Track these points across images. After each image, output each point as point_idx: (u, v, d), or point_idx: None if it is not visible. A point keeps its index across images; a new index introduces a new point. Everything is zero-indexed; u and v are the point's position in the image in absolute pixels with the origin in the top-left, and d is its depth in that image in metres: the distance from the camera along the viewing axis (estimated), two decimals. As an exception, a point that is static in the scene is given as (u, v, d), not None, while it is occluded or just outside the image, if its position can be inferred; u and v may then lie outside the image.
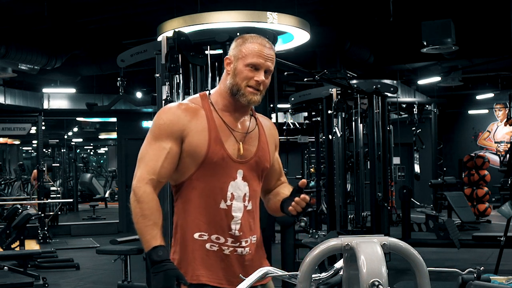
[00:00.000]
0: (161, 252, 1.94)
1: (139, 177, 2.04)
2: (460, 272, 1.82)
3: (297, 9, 7.95)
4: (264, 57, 2.08)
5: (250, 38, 2.15)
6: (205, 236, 2.07)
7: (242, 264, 2.11)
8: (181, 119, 2.07)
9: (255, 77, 2.07)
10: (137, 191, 2.02)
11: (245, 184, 2.11)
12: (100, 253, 6.48)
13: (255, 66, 2.07)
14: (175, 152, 2.06)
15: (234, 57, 2.11)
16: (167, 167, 2.05)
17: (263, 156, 2.18)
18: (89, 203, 16.60)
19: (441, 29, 8.60)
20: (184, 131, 2.06)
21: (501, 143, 16.57)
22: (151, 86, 5.63)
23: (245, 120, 2.18)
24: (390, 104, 9.45)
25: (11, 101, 11.92)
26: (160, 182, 2.05)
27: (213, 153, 2.06)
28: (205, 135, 2.06)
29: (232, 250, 2.09)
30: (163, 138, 2.06)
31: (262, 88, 2.10)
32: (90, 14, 9.10)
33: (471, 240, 7.80)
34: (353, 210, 8.03)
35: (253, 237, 2.15)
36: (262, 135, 2.21)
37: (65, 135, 19.09)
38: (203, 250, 2.07)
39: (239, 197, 2.10)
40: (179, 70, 4.18)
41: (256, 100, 2.10)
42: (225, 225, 2.08)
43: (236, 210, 2.09)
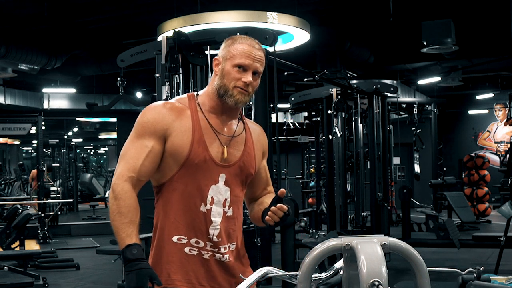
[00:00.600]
0: (135, 251, 1.89)
1: (118, 174, 1.99)
2: (460, 272, 1.82)
3: (297, 9, 7.96)
4: (252, 58, 2.04)
5: (239, 38, 2.10)
6: (184, 240, 2.03)
7: (223, 270, 2.07)
8: (165, 118, 2.02)
9: (243, 78, 2.02)
10: (115, 188, 1.98)
11: (226, 189, 2.05)
12: (100, 253, 6.49)
13: (243, 67, 2.03)
14: (157, 151, 2.01)
15: (222, 57, 2.08)
16: (147, 165, 2.00)
17: (248, 162, 2.11)
18: (89, 203, 16.60)
19: (441, 29, 8.60)
20: (167, 130, 2.01)
21: (501, 143, 16.57)
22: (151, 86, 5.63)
23: (232, 124, 2.12)
24: (390, 104, 9.45)
25: (11, 101, 11.93)
26: (140, 181, 2.00)
27: (195, 154, 2.00)
28: (188, 135, 2.01)
29: (211, 255, 2.04)
30: (146, 136, 2.01)
31: (250, 90, 2.05)
32: (90, 14, 9.10)
33: (471, 240, 7.80)
34: (353, 210, 8.03)
35: (232, 245, 2.09)
36: (249, 140, 2.14)
37: (65, 135, 19.10)
38: (181, 254, 2.03)
39: (219, 202, 2.04)
40: (179, 70, 4.18)
41: (244, 101, 2.05)
42: (204, 230, 2.03)
43: (215, 215, 2.03)
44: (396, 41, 10.82)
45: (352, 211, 8.00)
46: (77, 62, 10.85)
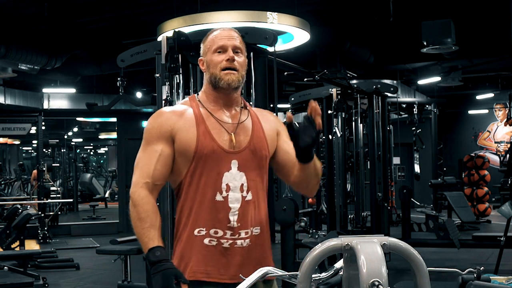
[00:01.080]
0: (158, 253, 1.94)
1: (134, 182, 2.09)
2: (460, 272, 1.82)
3: (297, 9, 7.95)
4: (225, 38, 2.12)
5: (211, 32, 2.20)
6: (203, 231, 2.06)
7: (243, 257, 2.07)
8: (169, 120, 2.10)
9: (225, 57, 2.09)
10: (132, 196, 2.06)
11: (241, 174, 2.08)
12: (100, 253, 6.48)
13: (221, 49, 2.11)
14: (167, 154, 2.08)
15: (203, 54, 2.18)
16: (160, 169, 2.08)
17: (259, 144, 2.13)
18: (89, 203, 16.60)
19: (441, 29, 8.60)
20: (172, 130, 2.08)
21: (501, 143, 16.57)
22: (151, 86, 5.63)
23: (236, 113, 2.16)
24: (390, 104, 9.45)
25: (11, 101, 11.92)
26: (155, 185, 2.08)
27: (203, 146, 2.06)
28: (193, 130, 2.07)
29: (232, 243, 2.06)
30: (154, 141, 2.10)
31: (237, 66, 2.10)
32: (90, 14, 9.10)
33: (471, 240, 7.80)
34: (353, 210, 8.03)
35: (255, 229, 2.10)
36: (256, 124, 2.17)
37: (65, 135, 19.09)
38: (202, 246, 2.06)
39: (236, 187, 2.07)
40: (179, 70, 4.18)
41: (234, 79, 2.09)
42: (222, 218, 2.05)
43: (233, 201, 2.06)
44: (396, 41, 10.82)
45: (352, 211, 8.00)
46: (77, 62, 10.84)
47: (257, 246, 2.12)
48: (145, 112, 12.94)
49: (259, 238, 2.12)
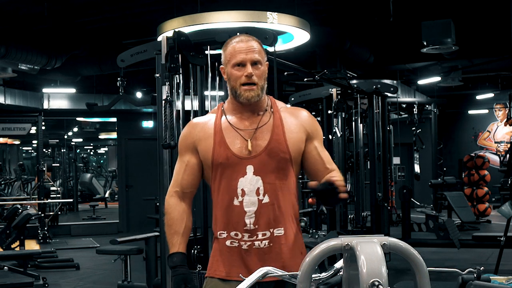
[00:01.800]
0: (175, 259, 2.16)
1: (168, 191, 2.29)
2: (460, 272, 1.82)
3: (297, 9, 7.95)
4: (244, 51, 2.17)
5: (230, 40, 2.26)
6: (224, 234, 2.20)
7: (263, 258, 2.16)
8: (192, 132, 2.27)
9: (244, 73, 2.16)
10: (165, 204, 2.28)
11: (257, 178, 2.17)
12: (100, 253, 6.48)
13: (240, 64, 2.17)
14: (193, 163, 2.25)
15: (224, 64, 2.25)
16: (187, 178, 2.26)
17: (276, 147, 2.19)
18: (89, 203, 16.59)
19: (441, 29, 8.60)
20: (195, 142, 2.24)
21: (501, 143, 16.57)
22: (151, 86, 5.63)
23: (257, 118, 2.23)
24: (390, 104, 9.45)
25: (11, 101, 11.91)
26: (185, 193, 2.27)
27: (218, 155, 2.18)
28: (210, 140, 2.21)
29: (250, 245, 2.17)
30: (183, 152, 2.28)
31: (256, 80, 2.16)
32: (90, 14, 9.09)
33: (471, 240, 7.80)
34: (353, 210, 8.02)
35: (277, 230, 2.18)
36: (277, 127, 2.21)
37: (65, 135, 19.08)
38: (224, 248, 2.20)
39: (251, 191, 2.16)
40: (179, 70, 4.17)
41: (253, 95, 2.17)
42: (239, 221, 2.17)
43: (248, 204, 2.16)
44: (396, 41, 10.81)
45: (352, 211, 8.00)
46: (77, 62, 10.83)
47: (280, 247, 2.18)
48: (145, 112, 12.95)
49: (283, 238, 2.18)
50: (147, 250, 5.64)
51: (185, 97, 4.38)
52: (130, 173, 12.93)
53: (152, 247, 5.55)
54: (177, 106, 4.28)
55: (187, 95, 4.40)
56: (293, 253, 2.20)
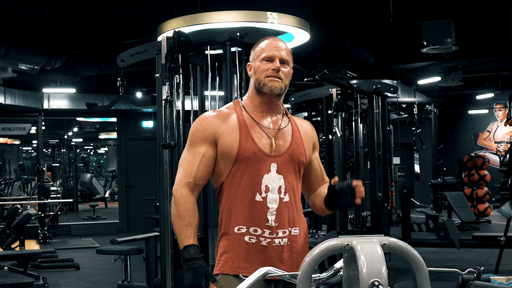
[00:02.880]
0: (192, 251, 2.08)
1: (177, 180, 2.22)
2: (460, 272, 1.82)
3: (297, 9, 7.95)
4: (275, 48, 2.24)
5: (262, 40, 2.31)
6: (244, 229, 2.17)
7: (280, 256, 2.18)
8: (213, 124, 2.22)
9: (272, 66, 2.21)
10: (174, 194, 2.20)
11: (280, 177, 2.20)
12: (100, 253, 6.48)
13: (269, 58, 2.22)
14: (209, 155, 2.21)
15: (252, 60, 2.29)
16: (202, 170, 2.21)
17: (297, 150, 2.26)
18: (89, 203, 16.59)
19: (441, 29, 8.59)
20: (216, 133, 2.21)
21: (501, 143, 16.57)
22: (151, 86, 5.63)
23: (277, 119, 2.28)
24: (390, 104, 9.44)
25: (11, 101, 11.92)
26: (197, 185, 2.21)
27: (245, 149, 2.18)
28: (236, 134, 2.19)
29: (270, 242, 2.17)
30: (198, 143, 2.22)
31: (282, 76, 2.22)
32: (90, 14, 9.09)
33: (471, 240, 7.80)
34: (353, 210, 8.02)
35: (294, 229, 2.22)
36: (295, 132, 2.29)
37: (65, 135, 19.08)
38: (242, 243, 2.18)
39: (274, 189, 2.18)
40: (179, 70, 4.17)
41: (278, 87, 2.21)
42: (261, 217, 2.16)
43: (271, 201, 2.18)
44: (396, 41, 10.81)
45: (352, 211, 7.99)
46: (77, 62, 10.84)
47: (296, 246, 2.23)
48: (145, 112, 12.95)
49: (299, 238, 2.24)
50: (147, 250, 5.64)
51: (185, 97, 4.38)
52: (130, 173, 12.93)
53: (152, 247, 5.55)
54: (177, 106, 4.27)
55: (187, 95, 4.40)
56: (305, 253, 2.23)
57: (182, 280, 4.12)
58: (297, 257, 2.21)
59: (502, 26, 8.36)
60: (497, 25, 9.42)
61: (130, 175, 12.91)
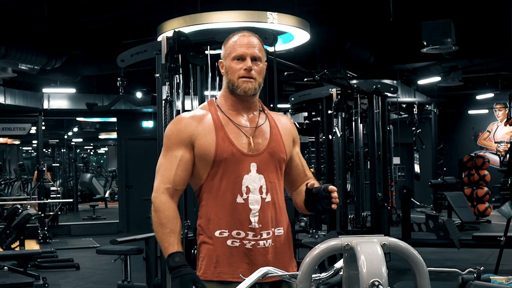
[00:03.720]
0: (177, 258, 2.02)
1: (155, 187, 2.14)
2: (460, 272, 1.82)
3: (297, 9, 7.95)
4: (246, 46, 2.17)
5: (232, 35, 2.24)
6: (226, 233, 2.12)
7: (266, 258, 2.13)
8: (188, 126, 2.16)
9: (243, 66, 2.14)
10: (154, 201, 2.12)
11: (260, 176, 2.15)
12: (100, 253, 6.48)
13: (240, 57, 2.16)
14: (187, 159, 2.15)
15: (223, 58, 2.22)
16: (181, 174, 2.14)
17: (276, 147, 2.20)
18: (89, 203, 16.60)
19: (441, 29, 8.59)
20: (192, 136, 2.14)
21: (501, 143, 16.57)
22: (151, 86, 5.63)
23: (254, 116, 2.22)
24: (390, 104, 9.44)
25: (11, 101, 11.92)
26: (176, 190, 2.15)
27: (222, 150, 2.12)
28: (212, 135, 2.13)
29: (254, 244, 2.12)
30: (174, 147, 2.16)
31: (255, 75, 2.16)
32: (90, 14, 9.09)
33: (471, 240, 7.80)
34: (353, 210, 8.02)
35: (278, 229, 2.17)
36: (274, 128, 2.24)
37: (65, 135, 19.08)
38: (225, 247, 2.12)
39: (255, 189, 2.13)
40: (179, 70, 4.17)
41: (251, 88, 2.15)
42: (243, 219, 2.11)
43: (253, 202, 2.12)
44: (396, 41, 10.81)
45: (352, 211, 7.99)
46: (77, 62, 10.84)
47: (280, 246, 2.18)
48: (145, 112, 12.95)
49: (282, 238, 2.19)
50: (147, 250, 5.64)
51: (185, 97, 4.38)
52: (130, 173, 12.93)
53: (152, 247, 5.55)
54: (177, 106, 4.27)
55: (187, 95, 4.39)
56: (290, 253, 2.23)
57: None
58: (282, 258, 2.17)
59: (502, 26, 8.36)
60: (497, 25, 9.42)
61: (130, 175, 12.91)
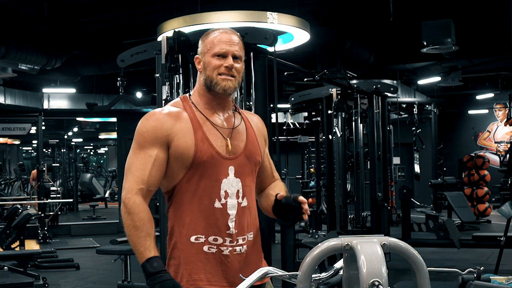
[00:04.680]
0: (155, 264, 1.91)
1: (127, 188, 2.00)
2: (460, 272, 1.82)
3: (297, 9, 7.95)
4: (227, 43, 2.07)
5: (212, 31, 2.13)
6: (202, 239, 2.03)
7: (241, 263, 2.07)
8: (164, 124, 2.04)
9: (224, 63, 2.05)
10: (127, 203, 1.98)
11: (237, 180, 2.06)
12: (100, 253, 6.48)
13: (221, 54, 2.06)
14: (161, 159, 2.02)
15: (201, 53, 2.11)
16: (155, 175, 2.01)
17: (253, 150, 2.13)
18: (89, 203, 16.59)
19: (441, 29, 8.59)
20: (169, 136, 2.03)
21: (501, 143, 16.57)
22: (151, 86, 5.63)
23: (230, 116, 2.14)
24: (390, 104, 9.45)
25: (11, 101, 11.92)
26: (149, 191, 2.02)
27: (201, 152, 2.01)
28: (191, 136, 2.02)
29: (231, 250, 2.04)
30: (148, 145, 2.03)
31: (235, 73, 2.07)
32: (90, 14, 9.10)
33: (471, 240, 7.80)
34: (353, 210, 8.03)
35: (250, 234, 2.10)
36: (249, 129, 2.16)
37: (65, 135, 19.09)
38: (201, 254, 2.03)
39: (233, 194, 2.05)
40: (179, 70, 4.18)
41: (231, 86, 2.07)
42: (221, 225, 2.03)
43: (230, 207, 2.04)
44: (396, 41, 10.82)
45: (352, 211, 8.00)
46: (77, 62, 10.85)
47: (253, 251, 2.12)
48: (145, 112, 12.92)
49: (254, 243, 2.12)
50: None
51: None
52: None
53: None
54: (177, 106, 4.27)
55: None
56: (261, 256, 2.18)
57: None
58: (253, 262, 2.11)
59: (502, 26, 8.37)
60: (497, 25, 9.42)
61: (130, 175, 12.89)
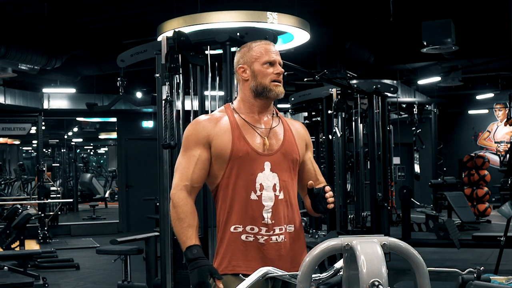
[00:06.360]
0: (195, 251, 2.12)
1: (174, 184, 2.26)
2: (460, 272, 1.82)
3: (297, 9, 7.95)
4: (273, 52, 2.34)
5: (254, 43, 2.38)
6: (240, 228, 2.22)
7: (279, 253, 2.23)
8: (206, 127, 2.28)
9: (275, 71, 2.31)
10: (172, 198, 2.24)
11: (274, 175, 2.25)
12: (100, 253, 6.48)
13: (270, 63, 2.31)
14: (204, 158, 2.26)
15: (247, 63, 2.34)
16: (198, 172, 2.26)
17: (290, 148, 2.31)
18: (89, 203, 16.59)
19: (441, 29, 8.59)
20: (209, 136, 2.26)
21: (501, 143, 16.57)
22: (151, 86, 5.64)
23: (269, 119, 2.35)
24: (390, 104, 9.44)
25: (11, 101, 11.92)
26: (194, 187, 2.26)
27: (238, 149, 2.23)
28: (228, 135, 2.25)
29: (267, 239, 2.22)
30: (192, 147, 2.28)
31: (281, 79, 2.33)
32: (90, 14, 9.09)
33: (471, 240, 7.80)
34: (353, 210, 8.02)
35: (289, 226, 2.27)
36: (287, 130, 2.36)
37: (65, 135, 19.08)
38: (239, 242, 2.22)
39: (269, 187, 2.24)
40: (179, 70, 4.17)
41: (283, 91, 2.32)
42: (257, 215, 2.22)
43: (266, 199, 2.23)
44: (396, 41, 10.81)
45: (352, 211, 8.00)
46: (77, 62, 10.84)
47: (293, 243, 2.28)
48: (145, 112, 12.96)
49: (294, 235, 2.29)
50: (147, 250, 5.64)
51: (185, 97, 4.38)
52: (130, 173, 12.93)
53: (152, 247, 5.55)
54: (177, 106, 4.27)
55: (187, 95, 4.39)
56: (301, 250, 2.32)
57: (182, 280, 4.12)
58: (294, 255, 2.26)
59: (502, 26, 8.36)
60: (497, 25, 9.42)
61: (130, 175, 12.91)
